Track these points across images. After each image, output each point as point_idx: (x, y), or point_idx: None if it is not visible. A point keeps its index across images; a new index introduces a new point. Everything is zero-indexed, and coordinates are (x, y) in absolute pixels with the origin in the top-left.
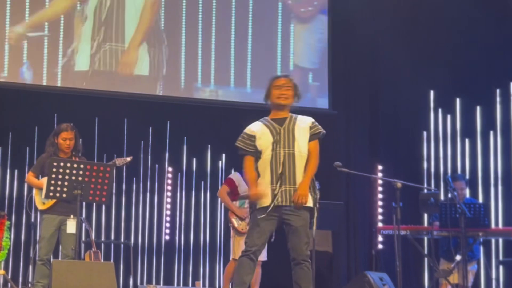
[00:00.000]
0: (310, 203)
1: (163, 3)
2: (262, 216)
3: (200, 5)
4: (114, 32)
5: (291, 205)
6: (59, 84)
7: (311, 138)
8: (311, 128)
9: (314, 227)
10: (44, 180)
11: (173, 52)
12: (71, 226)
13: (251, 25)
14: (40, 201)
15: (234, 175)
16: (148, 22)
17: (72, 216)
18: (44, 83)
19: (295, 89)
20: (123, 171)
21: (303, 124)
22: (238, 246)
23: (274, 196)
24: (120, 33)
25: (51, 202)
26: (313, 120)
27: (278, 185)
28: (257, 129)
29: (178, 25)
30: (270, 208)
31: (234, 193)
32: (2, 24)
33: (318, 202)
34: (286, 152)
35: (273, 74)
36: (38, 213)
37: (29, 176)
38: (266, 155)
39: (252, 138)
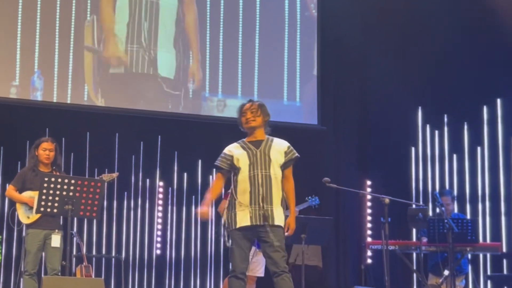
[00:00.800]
0: (281, 222)
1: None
2: (242, 235)
3: (208, 15)
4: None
5: (266, 224)
6: (55, 100)
7: (287, 164)
8: (286, 153)
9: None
10: (26, 195)
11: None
12: (55, 240)
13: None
14: (24, 215)
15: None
16: None
17: (56, 230)
18: (39, 99)
19: (261, 110)
20: (114, 186)
21: (279, 148)
22: None
23: (252, 216)
24: None
25: (35, 216)
26: (289, 144)
27: (256, 206)
28: (235, 150)
29: None
30: (249, 228)
31: None
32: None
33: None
34: (263, 174)
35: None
36: (24, 226)
37: (10, 190)
38: (243, 176)
39: (229, 157)
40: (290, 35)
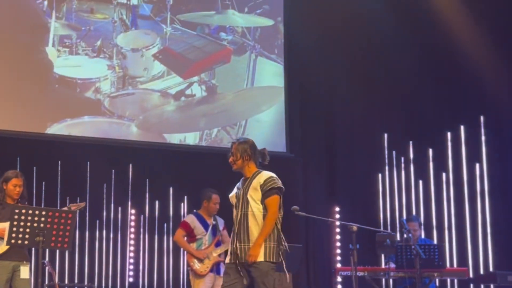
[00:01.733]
0: (261, 258)
1: None
2: (229, 270)
3: None
4: None
5: (238, 262)
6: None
7: (265, 196)
8: (261, 186)
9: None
10: None
11: None
12: (24, 271)
13: None
14: None
15: (189, 218)
16: None
17: (24, 262)
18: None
19: (238, 150)
20: (86, 214)
21: (255, 184)
22: None
23: (234, 254)
24: None
25: (4, 248)
26: (269, 176)
27: (232, 244)
28: (232, 193)
29: None
30: (233, 264)
31: (190, 236)
32: None
33: (282, 253)
34: (242, 213)
35: None
36: None
37: None
38: (234, 216)
39: (232, 201)
40: None
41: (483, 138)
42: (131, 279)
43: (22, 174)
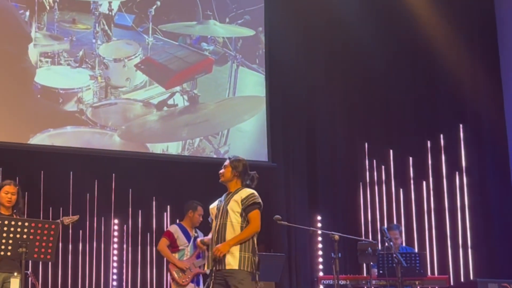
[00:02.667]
0: (236, 266)
1: None
2: (208, 279)
3: None
4: None
5: (215, 269)
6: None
7: (248, 210)
8: (242, 201)
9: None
10: None
11: None
12: (14, 283)
13: None
14: None
15: (172, 227)
16: None
17: (15, 273)
18: None
19: (231, 164)
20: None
21: (237, 198)
22: None
23: (209, 261)
24: None
25: None
26: (251, 193)
27: (210, 251)
28: (213, 205)
29: None
30: (210, 272)
31: (173, 246)
32: None
33: (254, 265)
34: (221, 223)
35: None
36: None
37: None
38: (213, 226)
39: (212, 212)
40: None
41: (462, 146)
42: None
43: (17, 184)
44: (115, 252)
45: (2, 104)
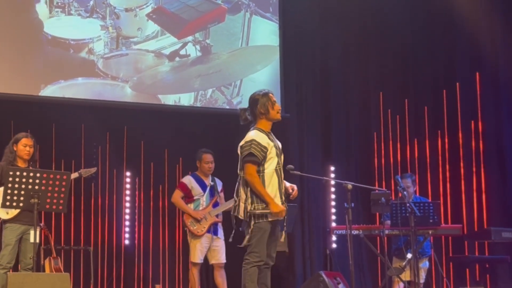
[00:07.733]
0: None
1: None
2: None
3: None
4: None
5: (232, 214)
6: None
7: (241, 159)
8: (241, 148)
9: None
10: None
11: None
12: (33, 235)
13: None
14: (3, 211)
15: (186, 178)
16: None
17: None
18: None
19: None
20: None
21: (240, 144)
22: (195, 249)
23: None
24: None
25: (14, 212)
26: (247, 140)
27: (282, 200)
28: (268, 142)
29: None
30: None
31: (188, 196)
32: None
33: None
34: (281, 169)
35: None
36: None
37: None
38: (270, 170)
39: (265, 150)
40: None
41: (478, 95)
42: (127, 242)
43: (33, 136)
44: (127, 204)
45: (12, 56)
